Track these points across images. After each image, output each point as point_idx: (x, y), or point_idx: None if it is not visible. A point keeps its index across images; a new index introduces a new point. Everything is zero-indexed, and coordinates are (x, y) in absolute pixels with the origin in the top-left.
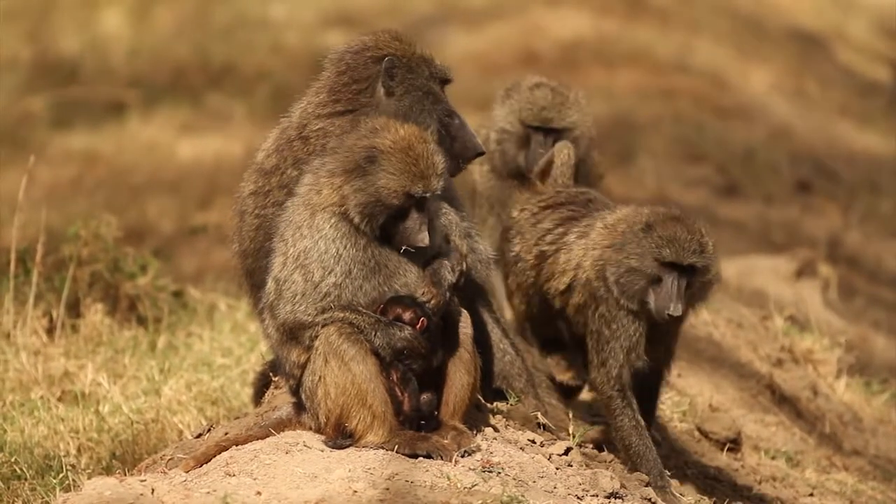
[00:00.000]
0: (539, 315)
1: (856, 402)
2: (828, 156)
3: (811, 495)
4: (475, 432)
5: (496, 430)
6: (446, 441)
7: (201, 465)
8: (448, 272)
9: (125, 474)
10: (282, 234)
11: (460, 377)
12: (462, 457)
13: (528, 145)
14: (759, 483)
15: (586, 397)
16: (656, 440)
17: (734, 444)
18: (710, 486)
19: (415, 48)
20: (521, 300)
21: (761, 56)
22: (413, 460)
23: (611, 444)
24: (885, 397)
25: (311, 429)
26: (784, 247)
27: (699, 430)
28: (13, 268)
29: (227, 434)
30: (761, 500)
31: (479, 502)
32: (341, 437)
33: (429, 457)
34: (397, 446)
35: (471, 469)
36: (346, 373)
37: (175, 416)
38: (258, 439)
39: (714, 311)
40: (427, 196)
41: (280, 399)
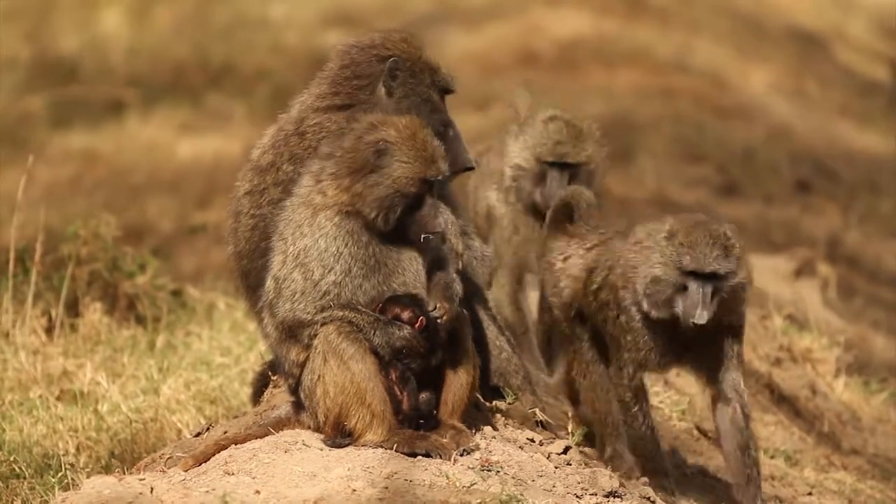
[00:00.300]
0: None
1: (854, 402)
2: (827, 155)
3: (810, 494)
4: (474, 431)
5: (495, 428)
6: (445, 440)
7: (200, 464)
8: (458, 285)
9: (124, 473)
10: (281, 234)
11: (459, 376)
12: (461, 456)
13: (544, 181)
14: None
15: None
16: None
17: None
18: (710, 486)
19: (422, 54)
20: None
21: (761, 56)
22: (412, 459)
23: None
24: (883, 396)
25: (309, 428)
26: (783, 246)
27: (698, 428)
28: (12, 267)
29: (225, 433)
30: (760, 499)
31: (478, 501)
32: (340, 435)
33: (428, 455)
34: (396, 445)
35: (470, 468)
36: (345, 371)
37: (174, 415)
38: (257, 438)
39: None
40: (440, 179)
41: (279, 398)
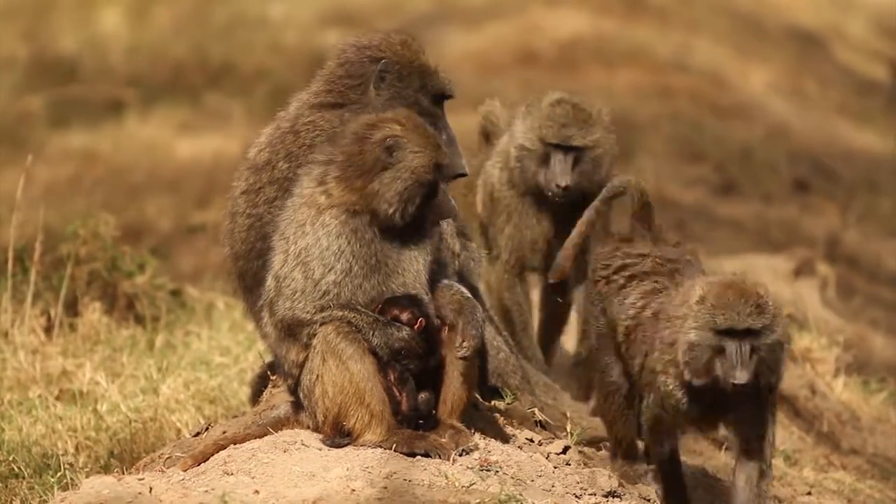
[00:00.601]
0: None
1: (854, 401)
2: (826, 155)
3: (809, 494)
4: (473, 431)
5: (494, 428)
6: (444, 440)
7: (199, 464)
8: (480, 312)
9: (123, 473)
10: (283, 233)
11: (458, 376)
12: (460, 455)
13: (548, 163)
14: None
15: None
16: None
17: None
18: (710, 486)
19: (417, 57)
20: (598, 363)
21: (760, 55)
22: (411, 459)
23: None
24: (883, 396)
25: (308, 427)
26: (782, 246)
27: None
28: (11, 266)
29: (225, 433)
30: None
31: (477, 501)
32: (339, 435)
33: (427, 455)
34: (395, 445)
35: (469, 468)
36: (343, 372)
37: (173, 415)
38: (256, 438)
39: None
40: (447, 163)
41: (278, 398)
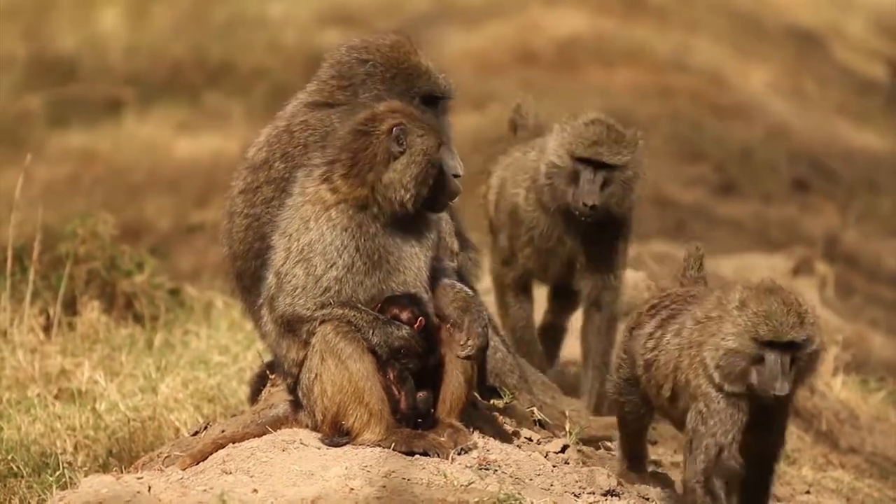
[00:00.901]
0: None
1: (852, 400)
2: (825, 154)
3: (808, 493)
4: (472, 430)
5: (493, 427)
6: (443, 439)
7: (198, 463)
8: (486, 312)
9: (122, 472)
10: (284, 231)
11: (457, 375)
12: (459, 454)
13: (577, 181)
14: None
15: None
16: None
17: None
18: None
19: (407, 58)
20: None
21: (759, 55)
22: (410, 458)
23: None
24: (881, 395)
25: (307, 426)
26: (781, 245)
27: None
28: (10, 266)
29: (223, 432)
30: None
31: (476, 500)
32: (338, 434)
33: (425, 454)
34: (394, 444)
35: (467, 467)
36: (342, 371)
37: (172, 414)
38: (255, 437)
39: None
40: (446, 142)
41: (277, 397)
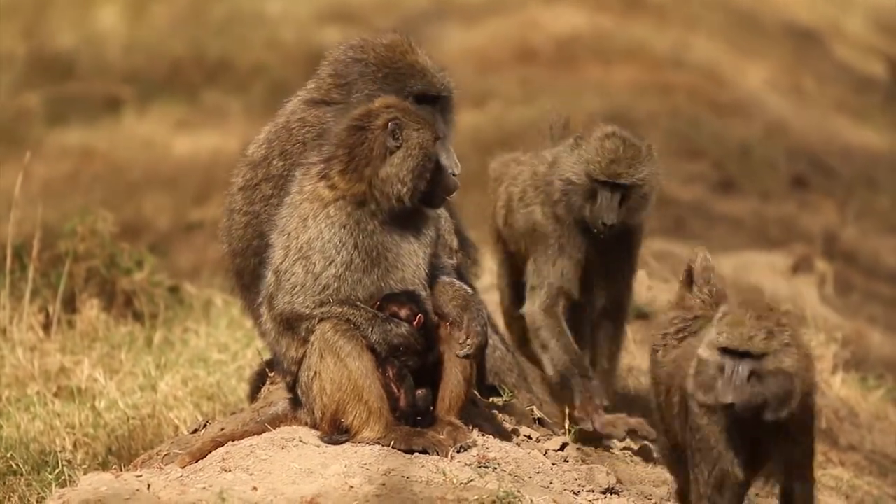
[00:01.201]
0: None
1: (852, 398)
2: (824, 151)
3: None
4: (471, 428)
5: (492, 425)
6: (442, 437)
7: (197, 461)
8: (485, 310)
9: (121, 470)
10: (283, 229)
11: (456, 373)
12: (458, 452)
13: (595, 199)
14: None
15: None
16: None
17: None
18: None
19: (402, 58)
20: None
21: (758, 52)
22: (409, 456)
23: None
24: (881, 393)
25: (307, 424)
26: (780, 242)
27: None
28: (9, 263)
29: (223, 430)
30: (757, 494)
31: (475, 498)
32: (337, 432)
33: (425, 452)
34: (393, 442)
35: (467, 465)
36: (341, 369)
37: (171, 412)
38: (254, 435)
39: None
40: (443, 136)
41: (276, 395)
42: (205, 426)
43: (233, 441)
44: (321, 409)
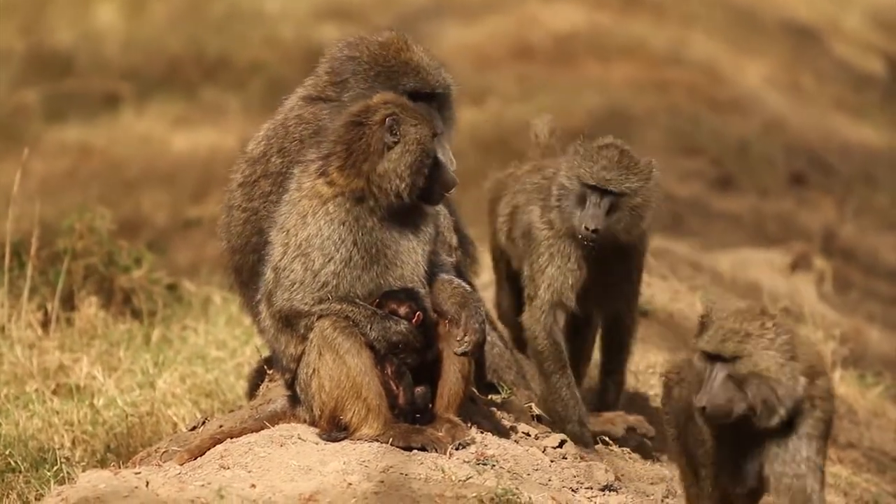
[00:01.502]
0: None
1: (850, 395)
2: (823, 149)
3: None
4: (470, 425)
5: (491, 422)
6: (441, 434)
7: (196, 458)
8: (483, 306)
9: (120, 467)
10: (282, 226)
11: (455, 370)
12: (457, 449)
13: (584, 205)
14: None
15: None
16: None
17: None
18: None
19: (397, 56)
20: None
21: (756, 49)
22: (408, 453)
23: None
24: (879, 390)
25: (305, 422)
26: (779, 240)
27: None
28: (8, 261)
29: (221, 427)
30: None
31: (474, 495)
32: (336, 429)
33: (423, 449)
34: (392, 439)
35: (465, 462)
36: (340, 366)
37: (170, 409)
38: (253, 432)
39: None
40: (440, 132)
41: (275, 392)
42: (203, 423)
43: (231, 438)
44: (320, 406)
